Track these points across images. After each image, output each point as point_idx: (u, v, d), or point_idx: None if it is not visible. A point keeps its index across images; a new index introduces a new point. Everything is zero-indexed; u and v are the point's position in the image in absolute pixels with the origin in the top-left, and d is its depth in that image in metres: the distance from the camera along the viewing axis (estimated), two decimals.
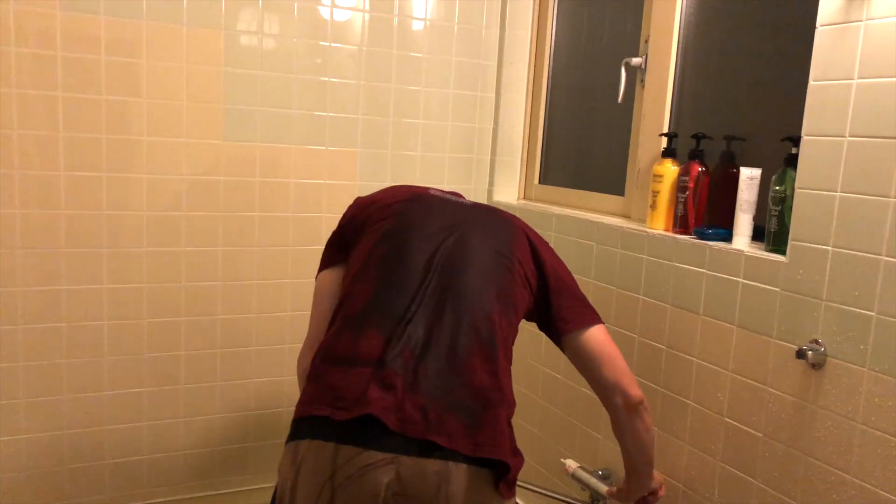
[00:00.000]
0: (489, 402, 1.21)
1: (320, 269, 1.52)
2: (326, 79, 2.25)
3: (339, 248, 1.50)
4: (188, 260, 2.15)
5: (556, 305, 1.42)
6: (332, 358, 1.24)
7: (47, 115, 1.94)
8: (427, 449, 1.13)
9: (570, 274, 1.50)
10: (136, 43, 2.01)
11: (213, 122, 2.13)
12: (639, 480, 1.55)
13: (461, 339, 1.24)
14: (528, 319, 1.46)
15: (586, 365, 1.43)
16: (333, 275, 1.47)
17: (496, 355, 1.26)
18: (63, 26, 1.92)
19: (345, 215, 1.53)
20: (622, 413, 1.42)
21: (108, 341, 2.09)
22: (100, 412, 2.11)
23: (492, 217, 1.48)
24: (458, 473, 1.14)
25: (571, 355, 1.45)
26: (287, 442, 1.22)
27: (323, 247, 1.54)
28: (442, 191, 1.55)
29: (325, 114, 2.27)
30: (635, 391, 1.41)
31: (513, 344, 1.34)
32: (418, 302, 1.27)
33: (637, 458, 1.50)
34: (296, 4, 2.18)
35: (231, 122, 2.15)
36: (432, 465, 1.13)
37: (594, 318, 1.44)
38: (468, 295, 1.29)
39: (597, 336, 1.42)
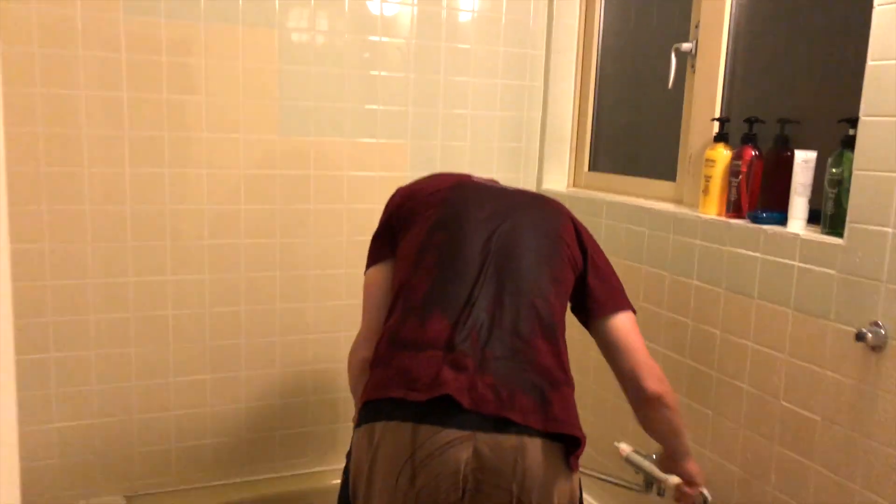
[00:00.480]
0: (556, 381, 1.24)
1: (369, 265, 1.51)
2: (377, 72, 2.29)
3: (386, 243, 1.50)
4: (247, 252, 2.22)
5: (593, 288, 1.44)
6: (399, 343, 1.26)
7: (113, 115, 2.03)
8: (502, 425, 1.17)
9: (608, 262, 1.52)
10: (195, 43, 2.08)
11: (269, 118, 2.19)
12: (674, 456, 1.55)
13: (523, 321, 1.27)
14: None
15: (609, 351, 1.45)
16: (384, 270, 1.48)
17: (556, 336, 1.29)
18: (126, 29, 2.00)
19: (388, 207, 1.53)
20: (635, 403, 1.44)
21: (173, 330, 2.18)
22: (166, 398, 2.20)
23: (538, 201, 1.51)
24: (533, 447, 1.17)
25: (598, 340, 1.47)
26: (359, 425, 1.26)
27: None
28: (481, 178, 1.58)
29: (375, 107, 2.31)
30: (651, 385, 1.40)
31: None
32: (479, 287, 1.29)
33: (663, 443, 1.52)
34: (346, 1, 2.22)
35: (286, 118, 2.21)
36: (508, 440, 1.16)
37: (625, 305, 1.46)
38: (525, 278, 1.32)
39: (624, 323, 1.44)
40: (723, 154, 1.82)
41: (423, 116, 2.38)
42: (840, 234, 1.48)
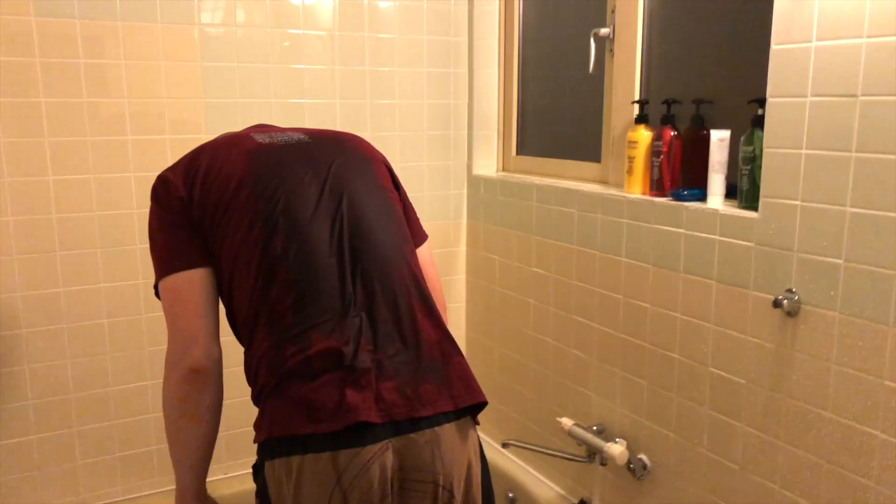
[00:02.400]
0: (446, 353, 1.27)
1: (175, 269, 1.26)
2: (301, 66, 2.28)
3: (193, 245, 1.28)
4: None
5: (412, 221, 1.47)
6: (284, 373, 1.19)
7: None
8: (415, 423, 1.19)
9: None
10: (112, 42, 2.03)
11: (195, 117, 2.16)
12: None
13: (400, 305, 1.26)
14: None
15: None
16: (205, 276, 1.27)
17: (430, 303, 1.32)
18: (39, 30, 1.93)
19: (169, 202, 1.29)
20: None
21: (109, 338, 2.14)
22: (106, 408, 2.16)
23: (343, 147, 1.41)
24: (445, 433, 1.21)
25: None
26: (270, 459, 1.19)
27: None
28: (260, 128, 1.45)
29: (302, 101, 2.30)
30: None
31: None
32: (347, 287, 1.24)
33: None
34: None
35: (211, 117, 2.18)
36: (422, 436, 1.19)
37: (425, 234, 1.51)
38: (384, 254, 1.29)
39: (429, 251, 1.50)
40: (644, 135, 1.90)
41: (350, 108, 2.39)
42: (755, 209, 1.58)
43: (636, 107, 1.98)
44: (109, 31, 2.02)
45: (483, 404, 1.27)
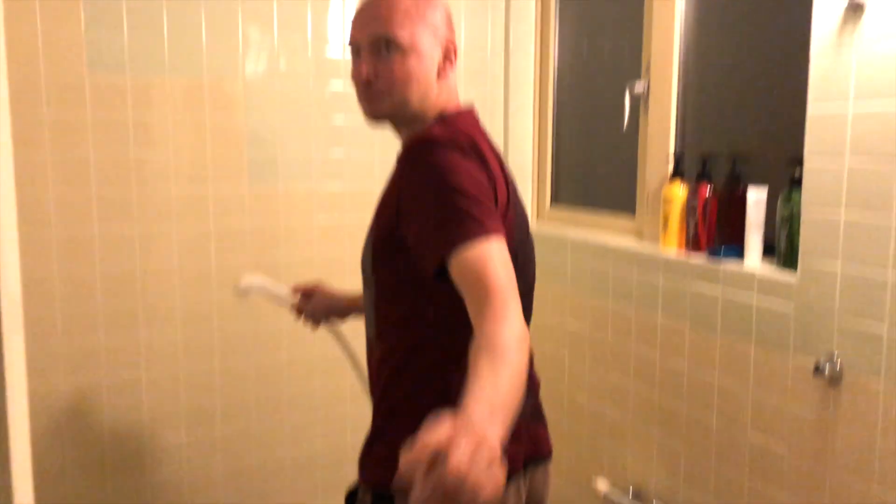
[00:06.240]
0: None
1: (494, 232, 1.06)
2: (341, 119, 2.33)
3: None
4: (220, 307, 2.22)
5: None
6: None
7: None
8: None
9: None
10: (158, 97, 2.09)
11: (238, 168, 2.21)
12: None
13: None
14: None
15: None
16: None
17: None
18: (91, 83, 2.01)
19: (482, 167, 1.13)
20: None
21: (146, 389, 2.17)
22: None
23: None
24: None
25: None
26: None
27: None
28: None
29: (341, 154, 2.34)
30: None
31: None
32: None
33: None
34: (309, 48, 2.25)
35: (254, 167, 2.23)
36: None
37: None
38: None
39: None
40: (679, 191, 1.88)
41: (389, 160, 2.40)
42: (794, 270, 1.53)
43: (671, 161, 1.96)
44: (157, 85, 2.08)
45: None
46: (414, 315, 1.19)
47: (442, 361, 1.16)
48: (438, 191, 1.08)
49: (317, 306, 1.60)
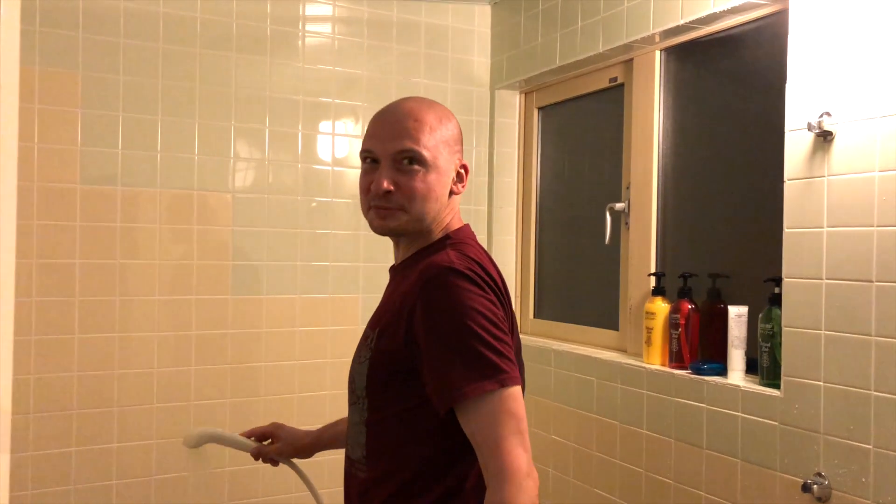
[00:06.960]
0: None
1: (515, 383, 1.08)
2: (327, 231, 2.38)
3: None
4: (197, 412, 2.19)
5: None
6: None
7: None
8: None
9: None
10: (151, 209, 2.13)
11: (222, 278, 2.22)
12: None
13: None
14: None
15: None
16: None
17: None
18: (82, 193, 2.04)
19: (498, 318, 1.11)
20: None
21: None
22: None
23: None
24: None
25: None
26: None
27: None
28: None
29: (327, 264, 2.38)
30: None
31: None
32: None
33: None
34: (298, 164, 2.33)
35: (237, 277, 2.25)
36: None
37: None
38: None
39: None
40: (661, 307, 1.93)
41: (372, 270, 2.45)
42: (777, 386, 1.57)
43: (652, 278, 2.03)
44: (148, 197, 2.13)
45: None
46: (415, 441, 1.15)
47: (443, 496, 1.14)
48: (459, 331, 1.07)
49: (283, 449, 1.51)
